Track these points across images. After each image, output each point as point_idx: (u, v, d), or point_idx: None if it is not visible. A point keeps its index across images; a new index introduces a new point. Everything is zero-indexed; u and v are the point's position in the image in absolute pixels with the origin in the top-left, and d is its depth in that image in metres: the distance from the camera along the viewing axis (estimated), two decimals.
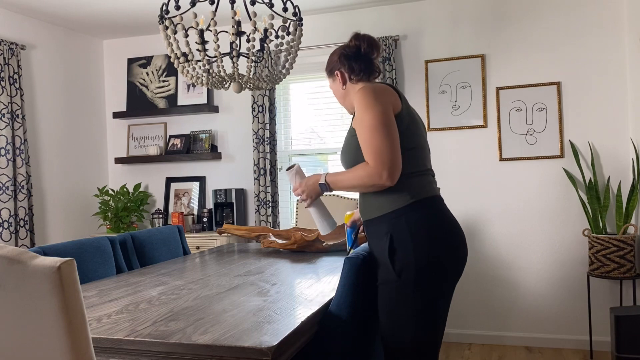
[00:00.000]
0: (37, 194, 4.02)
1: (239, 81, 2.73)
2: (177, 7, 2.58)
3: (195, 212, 4.45)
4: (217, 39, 2.56)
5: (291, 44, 2.83)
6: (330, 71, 2.04)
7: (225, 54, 2.65)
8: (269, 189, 4.15)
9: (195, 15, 2.57)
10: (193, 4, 2.53)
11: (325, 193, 2.27)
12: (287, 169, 2.07)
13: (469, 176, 3.87)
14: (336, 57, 2.01)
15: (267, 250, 3.10)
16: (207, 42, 2.60)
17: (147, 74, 4.59)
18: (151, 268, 2.57)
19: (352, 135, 1.87)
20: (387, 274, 1.76)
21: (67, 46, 4.36)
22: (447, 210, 1.85)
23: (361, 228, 2.38)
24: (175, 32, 2.63)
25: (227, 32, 2.71)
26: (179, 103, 4.47)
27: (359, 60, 1.95)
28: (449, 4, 3.90)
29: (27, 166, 3.77)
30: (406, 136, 1.80)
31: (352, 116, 1.98)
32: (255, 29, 2.61)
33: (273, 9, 2.69)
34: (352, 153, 1.85)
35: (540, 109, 3.71)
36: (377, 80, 2.07)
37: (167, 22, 2.63)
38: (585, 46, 3.64)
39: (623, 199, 3.48)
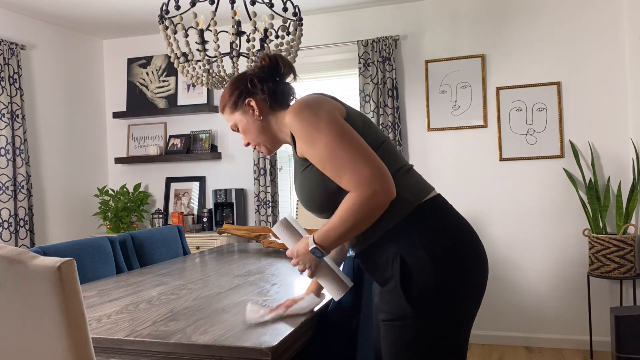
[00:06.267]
0: (37, 194, 4.02)
1: None
2: (177, 7, 2.58)
3: (195, 212, 4.45)
4: (217, 39, 2.56)
5: (291, 44, 2.83)
6: (234, 104, 1.59)
7: (225, 54, 2.65)
8: (269, 189, 4.15)
9: (195, 15, 2.57)
10: (193, 4, 2.53)
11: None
12: (275, 226, 1.55)
13: (469, 176, 3.87)
14: (242, 84, 1.58)
15: (267, 250, 3.10)
16: (207, 42, 2.60)
17: (147, 74, 4.59)
18: (151, 268, 2.57)
19: (305, 168, 1.48)
20: (400, 307, 1.38)
21: (67, 46, 4.36)
22: (457, 212, 1.48)
23: None
24: (175, 32, 2.63)
25: (227, 32, 2.71)
26: (179, 103, 4.47)
27: (280, 82, 1.59)
28: (449, 4, 3.90)
29: (27, 166, 3.77)
30: (369, 134, 1.46)
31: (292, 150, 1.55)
32: (255, 29, 2.61)
33: (273, 9, 2.69)
34: (318, 189, 1.45)
35: (540, 109, 3.71)
36: None
37: (167, 22, 2.63)
38: (585, 46, 3.64)
39: (623, 199, 3.48)
